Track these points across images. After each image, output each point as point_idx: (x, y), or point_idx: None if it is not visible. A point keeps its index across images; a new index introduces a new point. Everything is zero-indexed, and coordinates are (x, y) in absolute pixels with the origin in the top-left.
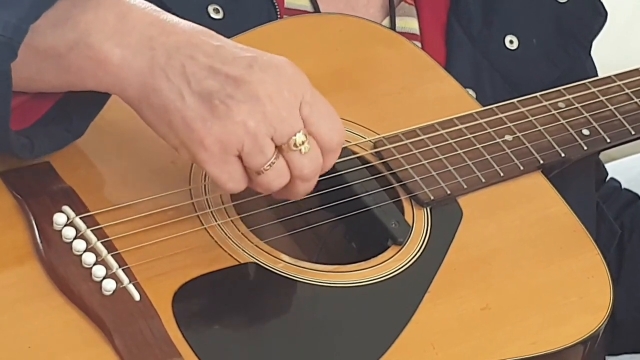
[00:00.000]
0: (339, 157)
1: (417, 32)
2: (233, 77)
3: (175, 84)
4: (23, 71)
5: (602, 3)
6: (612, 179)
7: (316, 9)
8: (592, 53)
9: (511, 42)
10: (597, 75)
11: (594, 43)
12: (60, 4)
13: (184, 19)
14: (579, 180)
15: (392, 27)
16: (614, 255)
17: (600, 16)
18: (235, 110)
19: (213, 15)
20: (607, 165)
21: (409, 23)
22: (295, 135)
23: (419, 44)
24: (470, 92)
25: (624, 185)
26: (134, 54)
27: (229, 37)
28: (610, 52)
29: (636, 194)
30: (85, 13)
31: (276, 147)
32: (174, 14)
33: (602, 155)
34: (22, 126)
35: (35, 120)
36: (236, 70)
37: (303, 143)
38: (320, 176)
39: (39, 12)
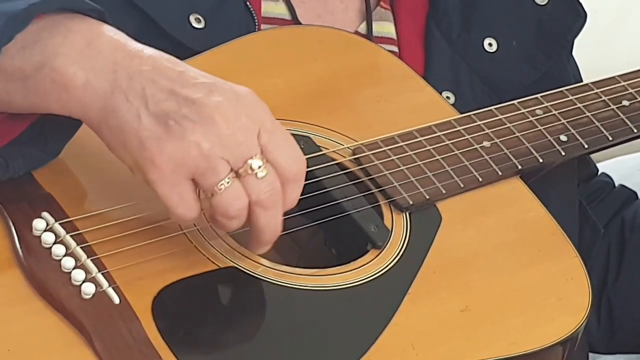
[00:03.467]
0: (318, 164)
1: (394, 36)
2: (192, 100)
3: (134, 105)
4: None
5: (581, 4)
6: (603, 173)
7: (294, 16)
8: (576, 55)
9: (490, 44)
10: (580, 77)
11: (577, 45)
12: (30, 27)
13: (167, 28)
14: (560, 185)
15: (369, 31)
16: (615, 255)
17: (580, 17)
18: (189, 130)
19: (195, 24)
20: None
21: (386, 27)
22: (251, 158)
23: (396, 48)
24: (450, 95)
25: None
26: (97, 77)
27: (210, 47)
28: (593, 54)
29: (634, 192)
30: (53, 37)
31: (232, 170)
32: (156, 23)
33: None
34: None
35: (10, 140)
36: (195, 94)
37: (259, 167)
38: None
39: (10, 35)
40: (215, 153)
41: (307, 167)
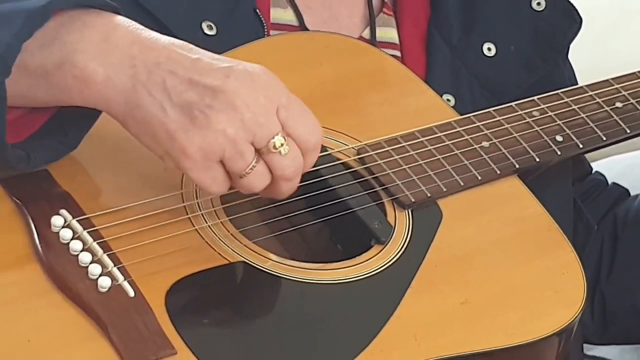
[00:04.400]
0: (324, 164)
1: (397, 41)
2: (211, 88)
3: (157, 99)
4: (16, 88)
5: (577, 10)
6: (597, 172)
7: (301, 23)
8: (571, 58)
9: (489, 49)
10: (575, 80)
11: (573, 48)
12: (48, 24)
13: (179, 34)
14: (556, 184)
15: (373, 37)
16: (608, 250)
17: (575, 23)
18: (214, 119)
19: (207, 31)
20: (606, 161)
21: (388, 33)
22: (273, 138)
23: (399, 53)
24: (450, 97)
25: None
26: (117, 72)
27: (221, 52)
28: (588, 57)
29: (626, 189)
30: (71, 33)
31: (256, 150)
32: (169, 30)
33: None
34: (19, 139)
35: (31, 134)
36: (214, 81)
37: (282, 145)
38: (307, 180)
39: (30, 31)
40: (241, 137)
41: (315, 165)
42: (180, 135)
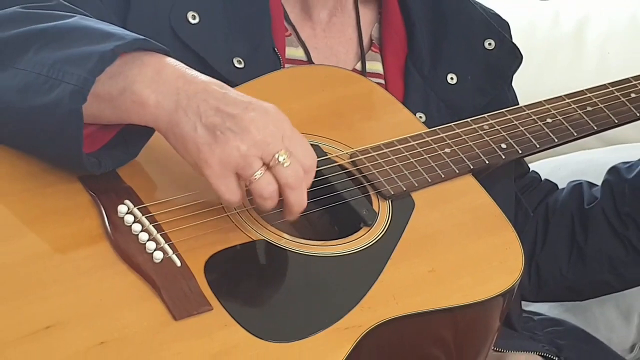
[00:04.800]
0: (325, 165)
1: (382, 72)
2: (232, 115)
3: (191, 119)
4: (90, 111)
5: (519, 49)
6: (533, 171)
7: (308, 58)
8: (514, 84)
9: (452, 78)
10: (517, 101)
11: (515, 77)
12: (116, 62)
13: (216, 67)
14: (501, 180)
15: (363, 68)
16: (541, 231)
17: (517, 59)
18: (231, 139)
19: (237, 65)
20: (541, 162)
21: (375, 66)
22: (277, 154)
23: (383, 81)
24: (422, 115)
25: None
26: (165, 98)
27: (247, 81)
28: (527, 84)
29: (555, 184)
30: (132, 69)
31: (264, 164)
32: (209, 64)
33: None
34: (92, 149)
35: (101, 145)
36: (235, 110)
37: (284, 159)
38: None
39: (102, 68)
40: (251, 153)
41: (317, 167)
42: (204, 148)
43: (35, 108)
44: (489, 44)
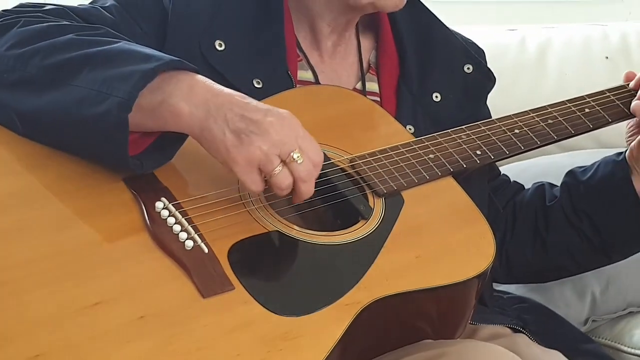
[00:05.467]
0: (329, 168)
1: (378, 91)
2: (254, 121)
3: (220, 126)
4: (134, 120)
5: (492, 73)
6: (503, 174)
7: (316, 79)
8: (488, 102)
9: (437, 97)
10: (490, 115)
11: (490, 96)
12: (155, 79)
13: (238, 87)
14: (477, 181)
15: (363, 88)
16: (510, 224)
17: (491, 81)
18: (254, 140)
19: (256, 85)
20: (510, 166)
21: (372, 86)
22: (292, 152)
23: (379, 99)
24: (411, 127)
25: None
26: (197, 109)
27: (265, 98)
28: (498, 100)
29: (522, 185)
30: (169, 85)
31: (282, 161)
32: (232, 84)
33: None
34: (136, 152)
35: (143, 149)
36: (256, 116)
37: (298, 157)
38: (318, 180)
39: (144, 84)
40: (271, 151)
41: (322, 170)
42: (232, 149)
43: (89, 117)
44: (468, 68)
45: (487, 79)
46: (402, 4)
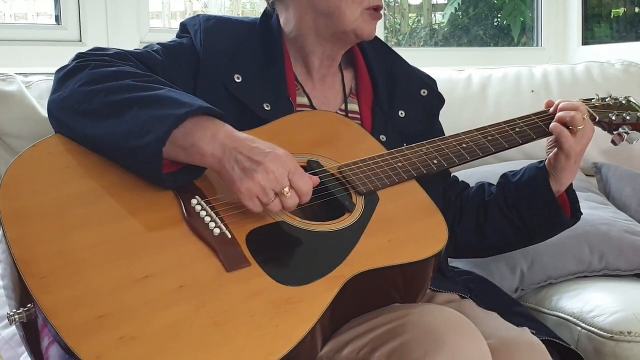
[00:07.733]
0: (322, 174)
1: (358, 111)
2: (257, 161)
3: (232, 164)
4: (168, 153)
5: (442, 96)
6: (454, 176)
7: (311, 103)
8: (442, 122)
9: (402, 113)
10: (443, 129)
11: (442, 118)
12: (187, 121)
13: (253, 109)
14: (434, 183)
15: (346, 109)
16: (457, 214)
17: (441, 102)
18: (256, 177)
19: (266, 108)
20: (460, 172)
21: (353, 107)
22: (284, 188)
23: (359, 116)
24: (384, 137)
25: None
26: (217, 151)
27: (272, 118)
28: (450, 123)
29: (468, 184)
30: (197, 131)
31: (275, 194)
32: (247, 107)
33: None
34: (171, 170)
35: (177, 169)
36: (259, 158)
37: (287, 192)
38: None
39: (177, 125)
40: (268, 186)
41: (317, 175)
42: (238, 182)
43: (133, 146)
44: (423, 92)
45: (438, 100)
46: (374, 33)
